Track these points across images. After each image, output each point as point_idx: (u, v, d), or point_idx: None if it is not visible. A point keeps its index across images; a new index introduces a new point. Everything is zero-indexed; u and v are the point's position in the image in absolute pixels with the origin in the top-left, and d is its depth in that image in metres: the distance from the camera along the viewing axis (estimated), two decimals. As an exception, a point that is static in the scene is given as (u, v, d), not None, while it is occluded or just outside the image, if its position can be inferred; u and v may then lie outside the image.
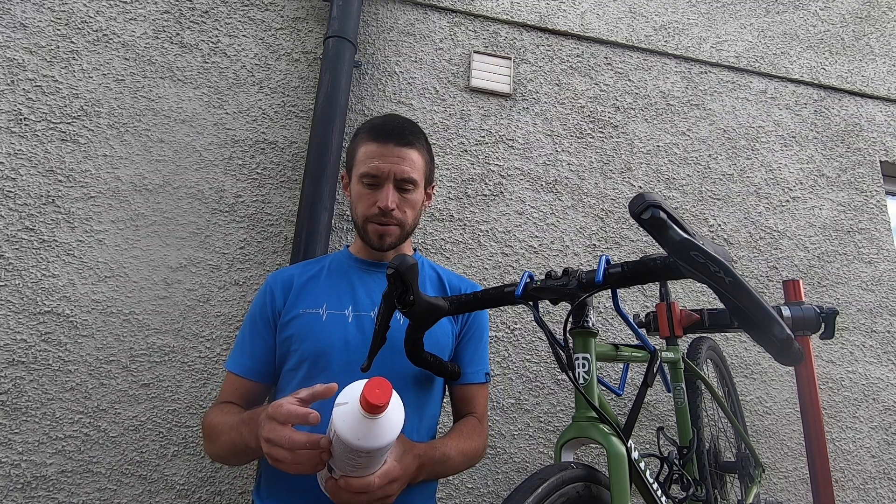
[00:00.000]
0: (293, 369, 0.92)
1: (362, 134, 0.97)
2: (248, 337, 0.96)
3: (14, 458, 1.23)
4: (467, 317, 1.04)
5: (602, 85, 1.93)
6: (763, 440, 1.70)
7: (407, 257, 0.76)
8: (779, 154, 2.03)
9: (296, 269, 1.02)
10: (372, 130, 0.96)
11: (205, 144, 1.54)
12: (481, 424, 0.98)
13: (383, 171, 0.92)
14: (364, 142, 0.96)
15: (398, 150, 0.93)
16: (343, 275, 1.00)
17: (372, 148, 0.94)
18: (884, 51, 2.31)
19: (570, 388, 1.58)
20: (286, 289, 0.98)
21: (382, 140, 0.94)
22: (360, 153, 0.95)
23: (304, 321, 0.93)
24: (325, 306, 0.94)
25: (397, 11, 1.82)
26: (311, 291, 0.97)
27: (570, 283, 0.74)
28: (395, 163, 0.93)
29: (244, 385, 0.94)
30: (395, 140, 0.94)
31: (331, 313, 0.94)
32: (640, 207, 0.60)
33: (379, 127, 0.96)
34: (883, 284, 1.95)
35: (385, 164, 0.92)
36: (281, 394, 0.93)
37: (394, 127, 0.95)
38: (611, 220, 1.78)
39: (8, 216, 1.36)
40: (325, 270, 1.02)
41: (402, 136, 0.95)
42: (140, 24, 1.59)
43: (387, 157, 0.93)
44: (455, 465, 0.88)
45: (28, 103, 1.45)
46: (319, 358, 0.89)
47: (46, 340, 1.31)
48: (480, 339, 1.05)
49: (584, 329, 0.78)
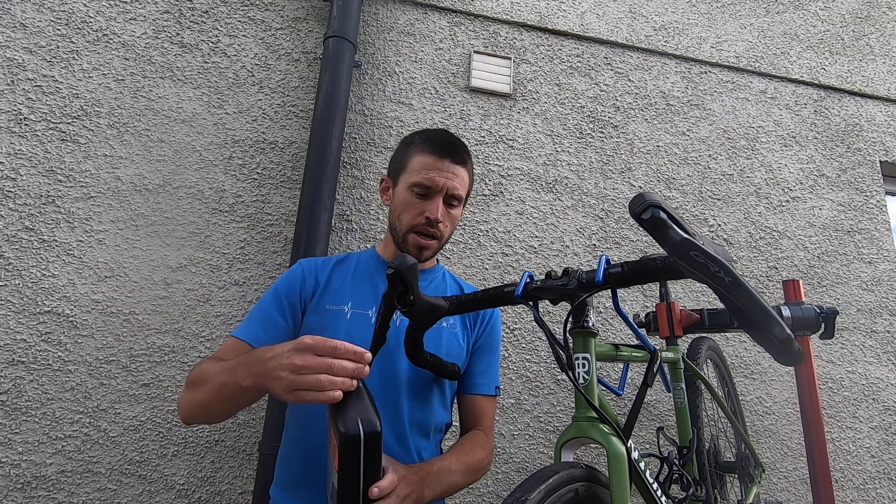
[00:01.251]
0: None
1: (419, 144, 0.99)
2: (266, 310, 0.94)
3: (14, 458, 1.23)
4: (482, 329, 1.04)
5: (602, 85, 1.93)
6: (763, 440, 1.70)
7: (407, 257, 0.76)
8: (779, 154, 2.03)
9: (328, 262, 1.03)
10: (429, 143, 0.98)
11: (205, 144, 1.54)
12: (487, 438, 0.98)
13: (438, 183, 0.95)
14: (420, 152, 0.97)
15: (453, 167, 0.97)
16: (369, 276, 1.01)
17: (429, 160, 0.96)
18: (884, 51, 2.31)
19: (570, 388, 1.58)
20: (318, 279, 0.98)
21: (440, 154, 0.96)
22: (415, 162, 0.97)
23: (328, 316, 0.94)
24: (349, 304, 0.95)
25: (397, 11, 1.82)
26: (338, 288, 0.98)
27: (570, 283, 0.74)
28: (448, 178, 0.96)
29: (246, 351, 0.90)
30: (451, 156, 0.97)
31: (355, 312, 0.95)
32: (640, 207, 0.60)
33: (436, 140, 0.98)
34: (883, 284, 1.95)
35: (441, 178, 0.95)
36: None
37: (451, 143, 0.99)
38: (611, 220, 1.78)
39: (8, 216, 1.36)
40: (352, 269, 1.03)
41: (458, 153, 0.98)
42: (140, 24, 1.59)
43: (442, 171, 0.95)
44: (458, 478, 0.88)
45: (28, 103, 1.45)
46: None
47: (46, 340, 1.31)
48: (494, 352, 1.05)
49: (584, 329, 0.78)
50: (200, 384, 0.82)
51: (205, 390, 0.81)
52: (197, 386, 0.83)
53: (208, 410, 0.84)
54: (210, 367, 0.83)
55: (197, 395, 0.83)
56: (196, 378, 0.84)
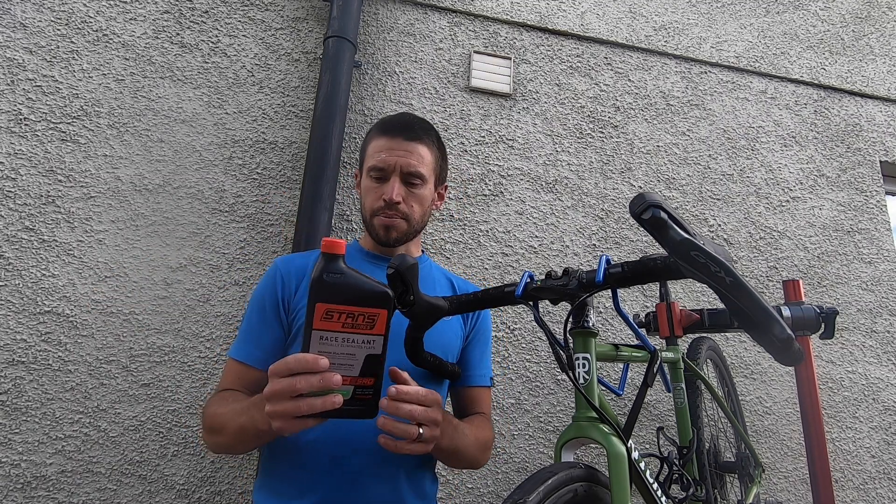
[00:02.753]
0: None
1: (374, 130, 0.99)
2: (255, 324, 0.92)
3: (14, 458, 1.23)
4: (475, 320, 1.04)
5: (602, 85, 1.93)
6: (763, 440, 1.70)
7: (407, 257, 0.76)
8: (779, 154, 2.03)
9: (305, 258, 1.00)
10: (381, 125, 0.97)
11: (205, 144, 1.54)
12: (490, 421, 0.99)
13: (390, 163, 0.93)
14: (374, 137, 0.97)
15: (406, 144, 0.94)
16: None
17: (381, 142, 0.94)
18: (884, 51, 2.31)
19: (570, 388, 1.58)
20: (298, 277, 0.95)
21: (391, 134, 0.94)
22: (370, 148, 0.97)
23: None
24: None
25: (397, 11, 1.82)
26: None
27: (570, 283, 0.74)
28: (401, 156, 0.93)
29: (249, 374, 0.90)
30: (403, 134, 0.94)
31: None
32: (640, 207, 0.60)
33: (388, 122, 0.97)
34: (883, 284, 1.95)
35: (391, 157, 0.92)
36: None
37: (403, 122, 0.96)
38: (611, 220, 1.78)
39: (8, 216, 1.36)
40: None
41: (410, 130, 0.95)
42: (140, 24, 1.59)
43: (394, 150, 0.93)
44: (470, 442, 0.87)
45: (28, 103, 1.45)
46: None
47: (46, 340, 1.31)
48: (486, 343, 1.05)
49: (584, 329, 0.78)
50: (219, 429, 0.82)
51: (226, 435, 0.81)
52: (217, 431, 0.83)
53: (238, 450, 0.85)
54: (223, 409, 0.82)
55: (222, 440, 0.83)
56: (213, 423, 0.83)
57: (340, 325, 0.62)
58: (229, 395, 0.86)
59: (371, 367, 0.63)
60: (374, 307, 0.63)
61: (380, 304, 0.63)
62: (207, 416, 0.85)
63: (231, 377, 0.91)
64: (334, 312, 0.61)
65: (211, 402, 0.87)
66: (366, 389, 0.64)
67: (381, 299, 0.63)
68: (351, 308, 0.62)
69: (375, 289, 0.63)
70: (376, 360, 0.64)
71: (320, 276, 0.61)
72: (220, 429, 0.81)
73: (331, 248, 0.61)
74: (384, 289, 0.63)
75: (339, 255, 0.62)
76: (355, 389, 0.63)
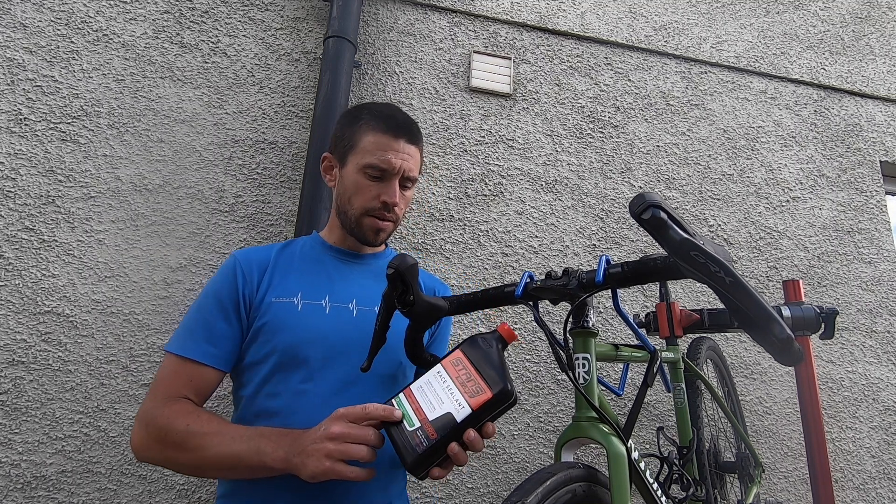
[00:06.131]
0: (259, 362, 0.84)
1: (370, 121, 0.91)
2: (210, 319, 0.84)
3: (14, 458, 1.23)
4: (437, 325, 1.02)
5: (602, 85, 1.93)
6: (763, 440, 1.70)
7: (407, 257, 0.76)
8: (779, 154, 2.03)
9: (267, 251, 0.93)
10: (383, 120, 0.91)
11: (205, 144, 1.54)
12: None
13: (395, 166, 0.88)
14: (372, 130, 0.90)
15: (408, 147, 0.91)
16: (317, 263, 0.94)
17: (383, 140, 0.89)
18: (884, 51, 2.31)
19: (570, 388, 1.58)
20: (261, 272, 0.89)
21: (395, 134, 0.89)
22: (367, 142, 0.89)
23: (278, 310, 0.85)
24: (299, 295, 0.87)
25: (397, 11, 1.82)
26: (284, 278, 0.89)
27: (570, 283, 0.74)
28: (405, 160, 0.90)
29: (201, 374, 0.82)
30: (406, 136, 0.91)
31: (307, 303, 0.87)
32: (640, 207, 0.60)
33: (391, 119, 0.91)
34: (883, 284, 1.95)
35: (397, 160, 0.88)
36: (245, 388, 0.85)
37: (405, 122, 0.92)
38: (611, 220, 1.78)
39: (8, 216, 1.36)
40: (296, 256, 0.94)
41: (412, 132, 0.92)
42: (140, 24, 1.59)
43: (399, 152, 0.89)
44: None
45: (28, 103, 1.45)
46: (295, 351, 0.83)
47: (46, 340, 1.31)
48: (444, 341, 1.04)
49: (584, 329, 0.78)
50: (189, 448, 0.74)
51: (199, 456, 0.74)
52: (182, 449, 0.74)
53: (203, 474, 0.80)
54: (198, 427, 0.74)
55: (184, 458, 0.75)
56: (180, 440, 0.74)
57: (456, 375, 0.70)
58: (196, 410, 0.78)
59: (444, 424, 0.67)
60: (488, 386, 0.68)
61: (494, 387, 0.67)
62: (164, 425, 0.76)
63: (179, 379, 0.81)
64: (462, 364, 0.71)
65: (168, 411, 0.77)
66: (425, 437, 0.67)
67: (499, 388, 0.67)
68: (473, 370, 0.70)
69: (503, 380, 0.67)
70: (451, 423, 0.67)
71: (477, 336, 0.73)
72: (192, 447, 0.74)
73: (508, 337, 0.72)
74: (509, 389, 0.67)
75: (508, 341, 0.72)
76: (418, 430, 0.67)
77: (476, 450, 0.67)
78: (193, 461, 0.75)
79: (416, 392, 0.71)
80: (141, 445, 0.78)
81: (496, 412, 0.68)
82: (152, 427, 0.77)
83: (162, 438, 0.76)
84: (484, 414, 0.67)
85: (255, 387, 0.84)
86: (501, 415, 0.69)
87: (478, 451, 0.68)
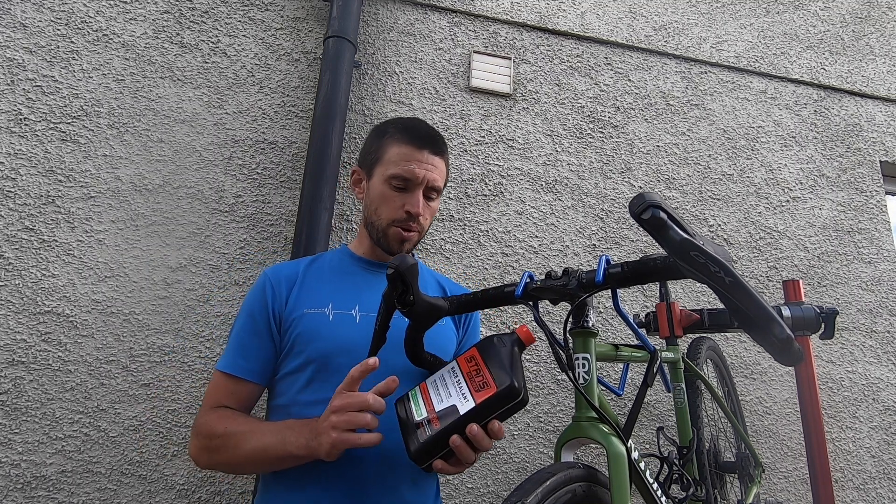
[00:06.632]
0: (296, 371, 0.88)
1: (395, 134, 0.95)
2: (246, 336, 0.91)
3: (14, 458, 1.23)
4: (468, 323, 1.04)
5: (602, 85, 1.93)
6: (763, 440, 1.70)
7: (407, 257, 0.76)
8: (779, 154, 2.03)
9: (295, 266, 0.98)
10: (406, 132, 0.95)
11: (205, 144, 1.54)
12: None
13: (418, 176, 0.92)
14: (397, 143, 0.94)
15: (433, 158, 0.94)
16: (347, 274, 0.98)
17: (407, 151, 0.93)
18: (884, 51, 2.31)
19: (570, 388, 1.58)
20: (289, 286, 0.93)
21: (419, 145, 0.93)
22: (392, 153, 0.93)
23: (310, 321, 0.89)
24: (330, 306, 0.91)
25: (397, 11, 1.82)
26: (314, 290, 0.93)
27: (570, 283, 0.74)
28: (429, 170, 0.93)
29: (241, 388, 0.89)
30: (430, 147, 0.94)
31: (337, 313, 0.91)
32: (640, 207, 0.60)
33: (414, 130, 0.95)
34: (883, 284, 1.95)
35: (421, 170, 0.92)
36: (280, 398, 0.90)
37: (429, 134, 0.96)
38: (611, 220, 1.78)
39: (8, 216, 1.36)
40: (325, 269, 0.98)
41: (437, 143, 0.96)
42: (140, 24, 1.59)
43: (423, 163, 0.92)
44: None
45: (28, 103, 1.45)
46: (327, 360, 0.87)
47: (46, 340, 1.31)
48: (475, 336, 1.07)
49: (584, 329, 0.78)
50: (228, 448, 0.81)
51: (236, 454, 0.80)
52: (221, 450, 0.82)
53: (241, 470, 0.87)
54: (234, 427, 0.82)
55: (223, 458, 0.82)
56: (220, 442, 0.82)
57: (467, 371, 0.73)
58: (234, 414, 0.86)
59: (447, 416, 0.69)
60: (495, 382, 0.69)
61: (500, 383, 0.68)
62: (208, 432, 0.83)
63: (223, 392, 0.89)
64: (475, 360, 0.73)
65: (210, 418, 0.85)
66: (429, 426, 0.69)
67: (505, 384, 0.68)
68: (484, 367, 0.71)
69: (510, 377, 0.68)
70: (454, 415, 0.68)
71: (494, 336, 0.75)
72: (231, 447, 0.81)
73: (526, 339, 0.74)
74: (516, 386, 0.68)
75: (525, 344, 0.74)
76: (424, 419, 0.70)
77: (481, 447, 0.68)
78: (235, 459, 0.81)
79: (429, 385, 0.75)
80: (195, 455, 0.86)
81: (503, 410, 0.68)
82: (200, 436, 0.85)
83: (207, 445, 0.84)
84: (488, 409, 0.67)
85: (291, 397, 0.88)
86: (510, 414, 0.69)
87: (484, 449, 0.69)
